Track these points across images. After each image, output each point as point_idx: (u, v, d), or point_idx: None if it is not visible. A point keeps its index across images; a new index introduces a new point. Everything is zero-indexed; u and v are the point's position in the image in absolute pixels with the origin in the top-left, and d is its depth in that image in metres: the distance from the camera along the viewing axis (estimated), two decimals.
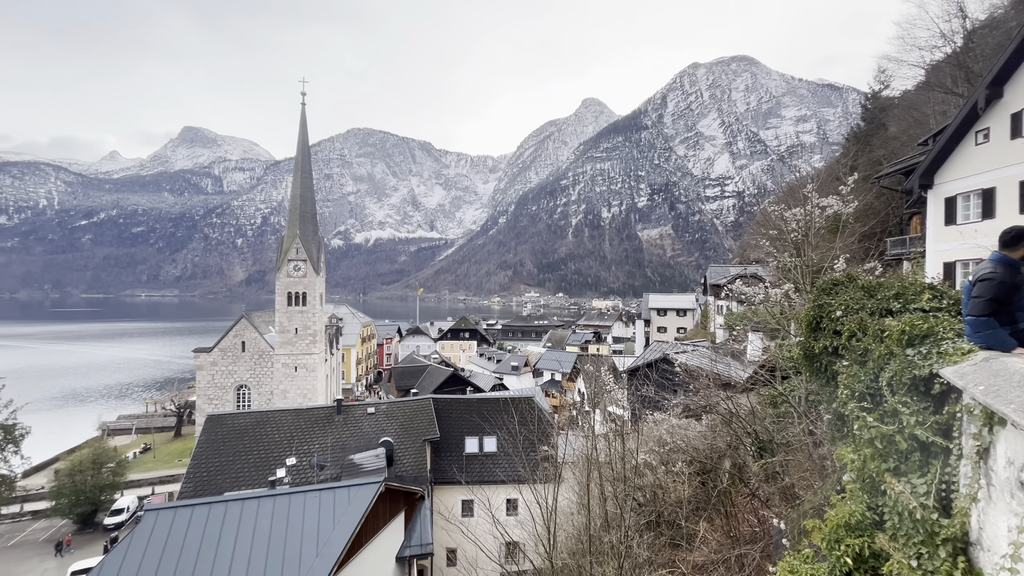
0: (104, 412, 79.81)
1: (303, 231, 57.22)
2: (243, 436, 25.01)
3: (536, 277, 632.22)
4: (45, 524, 42.37)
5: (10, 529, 41.92)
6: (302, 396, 55.52)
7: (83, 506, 40.71)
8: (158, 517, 14.30)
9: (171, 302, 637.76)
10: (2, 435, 41.80)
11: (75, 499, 40.34)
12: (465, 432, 28.33)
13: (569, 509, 15.16)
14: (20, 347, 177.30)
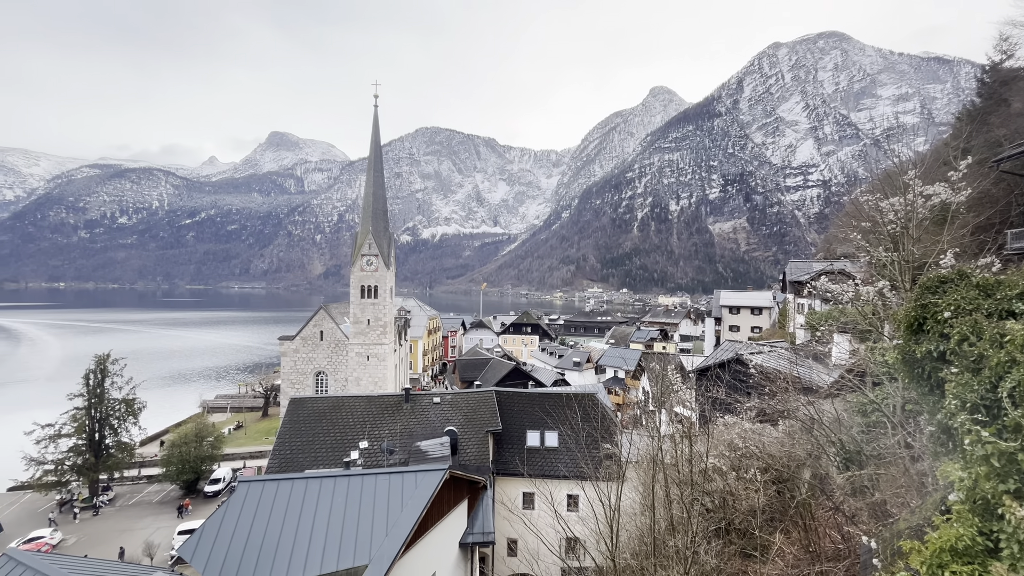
0: (204, 391, 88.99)
1: (375, 228, 60.13)
2: (321, 419, 26.84)
3: (599, 272, 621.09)
4: (157, 488, 48.10)
5: (130, 490, 48.03)
6: (373, 384, 58.59)
7: (188, 474, 45.76)
8: (249, 488, 15.75)
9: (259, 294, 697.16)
10: (124, 408, 48.04)
11: (181, 467, 45.43)
12: (527, 425, 28.51)
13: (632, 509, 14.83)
14: (137, 331, 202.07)
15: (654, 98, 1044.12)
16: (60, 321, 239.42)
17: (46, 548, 34.48)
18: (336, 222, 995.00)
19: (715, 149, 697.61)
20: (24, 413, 54.20)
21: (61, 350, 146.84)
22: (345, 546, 14.37)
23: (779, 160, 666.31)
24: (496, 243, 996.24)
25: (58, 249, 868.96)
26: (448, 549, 18.83)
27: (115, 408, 47.28)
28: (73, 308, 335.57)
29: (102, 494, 45.52)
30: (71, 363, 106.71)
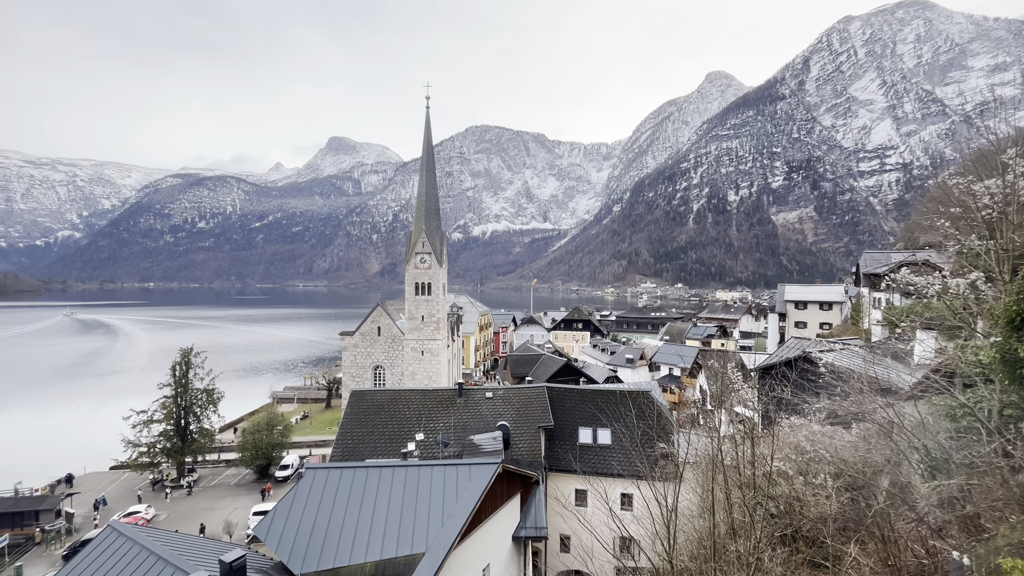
0: (273, 383, 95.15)
1: (428, 226, 61.66)
2: (380, 411, 27.97)
3: (652, 267, 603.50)
4: (234, 471, 52.06)
5: (210, 473, 52.29)
6: (428, 378, 60.27)
7: (260, 459, 49.20)
8: (315, 475, 16.72)
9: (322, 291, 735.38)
10: (205, 397, 52.35)
11: (255, 453, 48.91)
12: (579, 422, 28.32)
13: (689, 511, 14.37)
14: (214, 327, 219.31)
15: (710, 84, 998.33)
16: (150, 318, 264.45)
17: (142, 522, 38.27)
18: (391, 222, 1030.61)
19: (778, 134, 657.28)
20: (122, 401, 60.46)
21: (151, 344, 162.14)
22: (403, 534, 14.92)
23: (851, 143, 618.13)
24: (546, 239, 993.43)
25: (148, 252, 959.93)
26: (502, 542, 19.08)
27: (198, 397, 51.61)
28: (161, 306, 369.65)
29: (188, 475, 49.88)
30: (160, 356, 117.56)
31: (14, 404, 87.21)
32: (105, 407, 75.61)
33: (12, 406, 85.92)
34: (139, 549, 12.39)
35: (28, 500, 41.34)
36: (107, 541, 13.09)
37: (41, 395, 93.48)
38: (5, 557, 36.18)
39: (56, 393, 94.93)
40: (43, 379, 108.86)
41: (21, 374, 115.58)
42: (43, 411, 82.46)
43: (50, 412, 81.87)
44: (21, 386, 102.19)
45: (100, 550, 12.83)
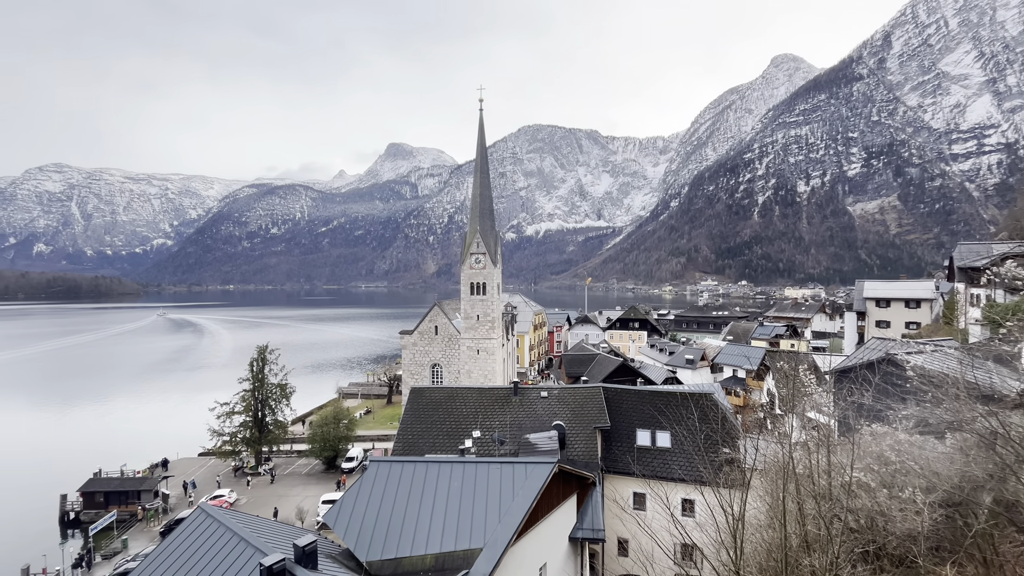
0: (339, 379, 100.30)
1: (482, 227, 62.52)
2: (438, 408, 28.72)
3: (713, 264, 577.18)
4: (305, 462, 55.43)
5: (284, 462, 55.98)
6: (483, 376, 61.15)
7: (328, 451, 52.08)
8: (379, 468, 17.45)
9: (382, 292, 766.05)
10: (279, 392, 56.13)
11: (323, 445, 51.84)
12: (636, 424, 27.63)
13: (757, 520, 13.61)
14: (286, 326, 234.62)
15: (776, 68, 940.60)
16: (231, 317, 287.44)
17: (225, 505, 41.66)
18: (446, 223, 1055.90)
19: (855, 118, 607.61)
20: (208, 393, 66.06)
21: (232, 342, 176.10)
22: (461, 528, 15.23)
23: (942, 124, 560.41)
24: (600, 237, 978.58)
25: (228, 257, 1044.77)
26: (558, 542, 19.01)
27: (272, 391, 55.45)
28: (240, 306, 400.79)
29: (265, 464, 53.69)
30: (239, 353, 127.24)
31: (118, 395, 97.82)
32: (193, 399, 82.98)
33: (117, 396, 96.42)
34: (224, 530, 13.50)
35: (132, 481, 46.23)
36: (196, 521, 14.37)
37: (140, 387, 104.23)
38: (114, 531, 40.67)
39: (152, 386, 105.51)
40: (141, 373, 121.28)
41: (123, 368, 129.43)
42: (142, 401, 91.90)
43: (148, 402, 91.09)
44: (124, 379, 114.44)
45: (191, 529, 14.10)
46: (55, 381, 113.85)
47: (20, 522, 44.69)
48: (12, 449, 66.48)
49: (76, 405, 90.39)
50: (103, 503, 44.06)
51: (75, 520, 43.81)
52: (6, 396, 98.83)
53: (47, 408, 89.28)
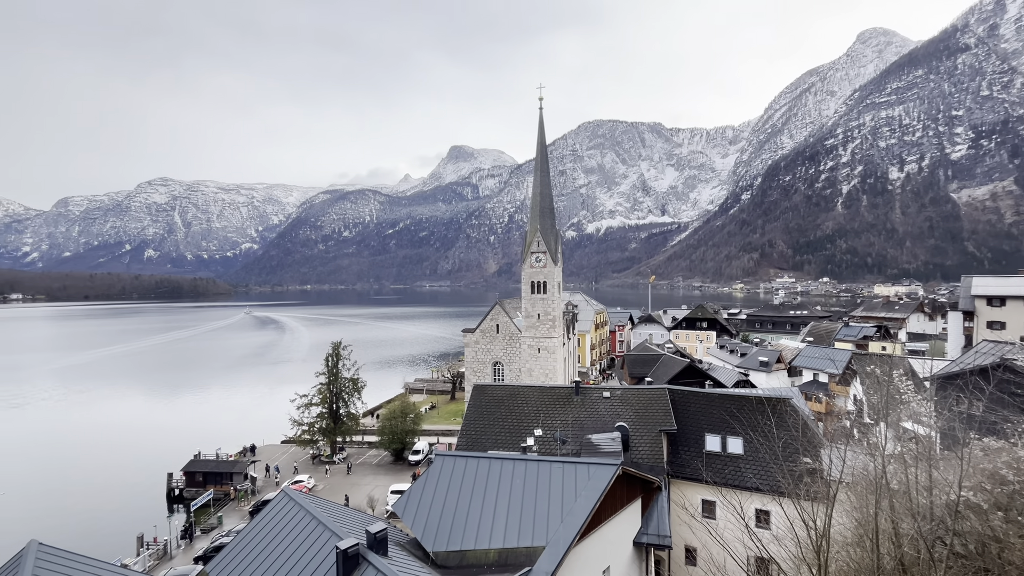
0: (406, 375, 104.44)
1: (542, 225, 62.50)
2: (500, 405, 29.10)
3: (790, 259, 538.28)
4: (375, 453, 58.28)
5: (356, 452, 59.18)
6: (544, 375, 61.15)
7: (396, 444, 54.43)
8: (444, 462, 18.00)
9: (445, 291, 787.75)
10: (352, 386, 59.41)
11: (391, 437, 54.25)
12: (705, 428, 26.46)
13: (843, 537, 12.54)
14: (357, 323, 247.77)
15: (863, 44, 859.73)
16: (308, 315, 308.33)
17: (304, 490, 44.76)
18: (507, 223, 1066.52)
19: (959, 94, 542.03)
20: (289, 386, 71.33)
21: (309, 338, 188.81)
22: (524, 525, 15.34)
23: None
24: (664, 233, 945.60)
25: (305, 259, 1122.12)
26: (622, 546, 18.63)
27: (346, 385, 58.83)
28: (316, 305, 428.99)
29: (339, 453, 57.09)
30: (316, 348, 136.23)
31: (213, 385, 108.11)
32: (276, 390, 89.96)
33: (212, 386, 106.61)
34: (304, 513, 14.52)
35: (225, 463, 50.91)
36: (280, 504, 15.56)
37: (231, 379, 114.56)
38: (211, 507, 45.03)
39: (242, 377, 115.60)
40: (232, 366, 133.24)
41: (217, 361, 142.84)
42: (233, 392, 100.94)
43: (238, 393, 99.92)
44: (217, 371, 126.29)
45: (276, 511, 15.31)
46: (161, 372, 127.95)
47: (134, 495, 50.75)
48: (128, 430, 75.59)
49: (178, 393, 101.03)
50: (202, 482, 48.93)
51: (179, 496, 49.00)
52: (123, 384, 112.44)
53: (156, 395, 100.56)
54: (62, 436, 72.86)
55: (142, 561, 35.75)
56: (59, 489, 52.77)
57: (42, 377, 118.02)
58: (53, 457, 63.40)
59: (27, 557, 11.25)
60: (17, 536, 38.25)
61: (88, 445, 68.49)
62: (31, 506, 48.52)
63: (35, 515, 45.74)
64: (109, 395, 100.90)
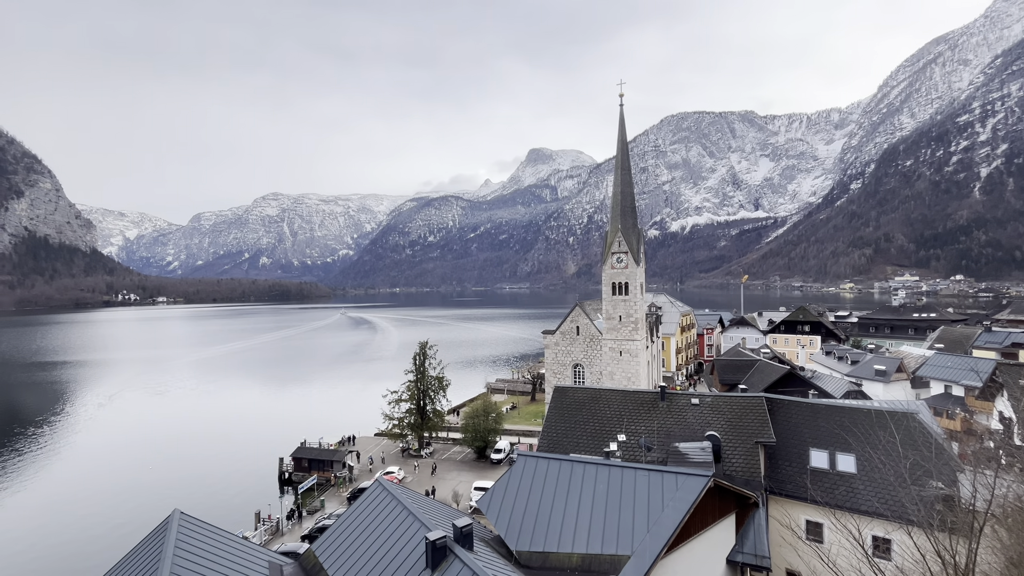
0: (487, 375, 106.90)
1: (623, 225, 60.82)
2: (581, 408, 28.69)
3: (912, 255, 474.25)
4: (459, 449, 60.23)
5: (441, 448, 61.57)
6: (626, 379, 59.36)
7: (479, 442, 55.85)
8: (526, 462, 18.10)
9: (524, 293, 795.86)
10: (437, 384, 61.98)
11: (474, 435, 55.76)
12: (809, 442, 24.14)
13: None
14: (441, 324, 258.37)
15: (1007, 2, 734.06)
16: (397, 316, 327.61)
17: (396, 481, 47.43)
18: (586, 224, 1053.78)
19: None
20: (381, 382, 76.02)
21: (399, 338, 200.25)
22: (608, 532, 14.94)
23: None
24: (758, 229, 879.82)
25: (395, 264, 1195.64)
26: (713, 563, 17.49)
27: (432, 383, 61.53)
28: (404, 307, 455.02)
29: (426, 448, 59.81)
30: (405, 347, 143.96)
31: (315, 379, 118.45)
32: (370, 386, 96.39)
33: (314, 380, 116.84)
34: (396, 503, 15.34)
35: (327, 452, 55.45)
36: (376, 493, 16.58)
37: (331, 374, 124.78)
38: (315, 491, 49.31)
39: (340, 372, 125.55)
40: (331, 362, 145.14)
41: (318, 358, 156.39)
42: (332, 386, 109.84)
43: (336, 387, 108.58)
44: (319, 366, 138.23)
45: (371, 499, 16.34)
46: (272, 367, 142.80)
47: (252, 474, 57.03)
48: (246, 418, 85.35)
49: (287, 386, 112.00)
50: (307, 468, 53.72)
51: (288, 479, 54.21)
52: (242, 377, 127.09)
53: (268, 387, 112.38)
54: (194, 421, 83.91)
55: (259, 535, 40.03)
56: (192, 466, 60.80)
57: (180, 369, 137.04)
58: (187, 439, 73.19)
59: (172, 523, 13.07)
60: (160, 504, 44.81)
61: (215, 428, 78.27)
62: (172, 480, 56.38)
63: (174, 488, 53.06)
64: (231, 386, 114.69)
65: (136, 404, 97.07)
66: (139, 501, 50.34)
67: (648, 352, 65.62)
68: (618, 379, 59.60)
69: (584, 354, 64.10)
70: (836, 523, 15.59)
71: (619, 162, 62.74)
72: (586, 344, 64.01)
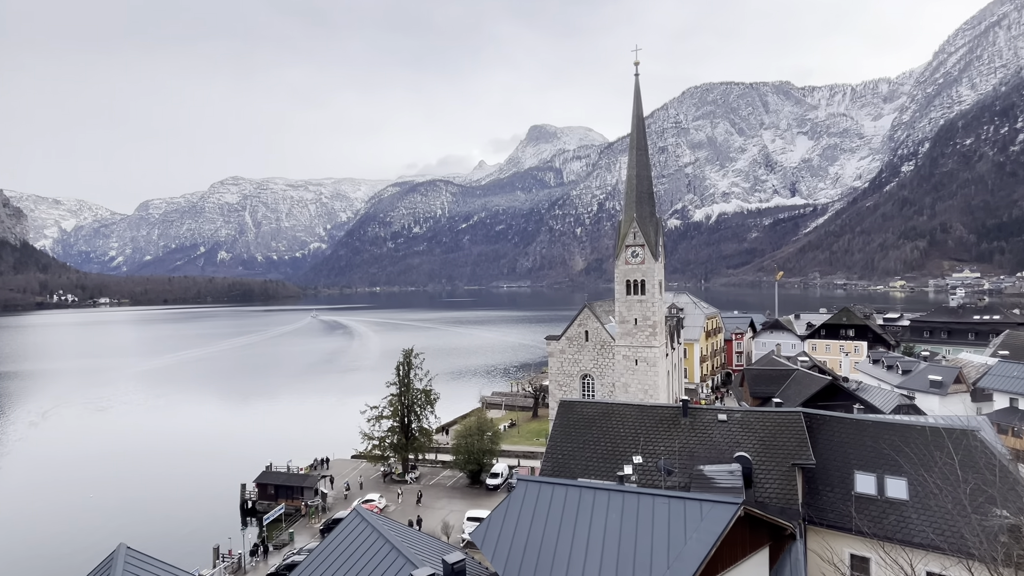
0: (482, 387, 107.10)
1: (639, 213, 61.00)
2: (591, 425, 28.81)
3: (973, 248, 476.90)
4: (449, 474, 60.33)
5: (429, 472, 61.66)
6: (643, 391, 59.60)
7: (472, 464, 55.98)
8: (527, 488, 18.15)
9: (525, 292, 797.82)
10: (424, 398, 62.07)
11: (467, 457, 55.87)
12: (854, 464, 24.43)
13: None
14: (428, 328, 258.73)
15: None
16: (377, 319, 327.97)
17: (376, 510, 47.49)
18: (596, 212, 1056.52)
19: None
20: (359, 396, 76.14)
21: (379, 344, 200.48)
22: (623, 568, 14.98)
23: None
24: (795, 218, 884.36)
25: (374, 259, 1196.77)
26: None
27: (418, 397, 61.67)
28: (385, 309, 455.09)
29: (411, 471, 59.88)
30: (386, 356, 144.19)
31: (283, 393, 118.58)
32: (346, 401, 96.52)
33: (281, 395, 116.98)
34: (376, 536, 15.39)
35: (296, 476, 55.54)
36: (352, 523, 16.62)
37: (301, 387, 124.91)
38: (283, 522, 49.38)
39: (311, 386, 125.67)
40: (301, 373, 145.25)
41: (286, 368, 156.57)
42: (302, 401, 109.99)
43: (307, 402, 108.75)
44: (286, 378, 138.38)
45: (348, 531, 16.38)
46: (233, 378, 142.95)
47: (210, 502, 57.11)
48: (203, 436, 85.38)
49: (249, 401, 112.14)
50: (273, 495, 53.81)
51: (252, 509, 54.27)
52: (197, 390, 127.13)
53: (228, 401, 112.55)
54: (143, 440, 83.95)
55: (218, 573, 40.04)
56: (140, 493, 60.86)
57: (125, 381, 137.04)
58: (135, 460, 73.26)
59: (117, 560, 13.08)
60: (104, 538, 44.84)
61: (166, 449, 78.28)
62: (116, 508, 56.43)
63: (120, 519, 53.13)
64: (185, 400, 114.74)
65: (74, 421, 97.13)
66: (78, 534, 50.40)
67: (668, 361, 65.82)
68: (633, 391, 59.83)
69: (594, 363, 64.27)
70: (885, 557, 15.71)
71: (634, 141, 62.89)
72: (596, 352, 64.18)
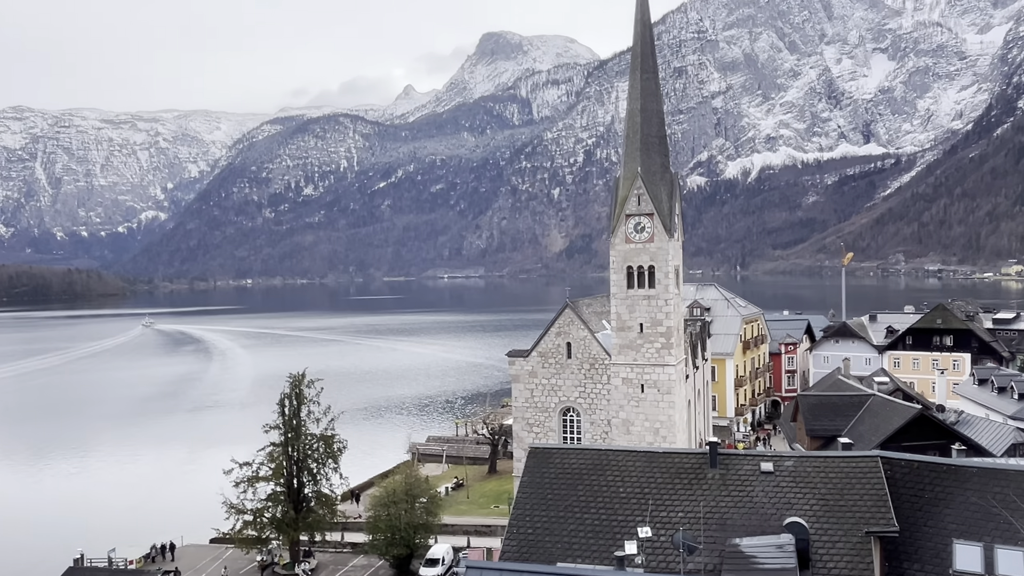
0: (412, 431, 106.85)
1: (646, 167, 61.45)
2: (576, 483, 29.04)
3: None
4: (363, 562, 60.11)
5: (333, 560, 61.21)
6: (652, 431, 60.38)
7: (398, 547, 55.82)
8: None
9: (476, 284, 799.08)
10: (323, 447, 61.40)
11: (390, 537, 55.68)
12: (953, 530, 25.43)
13: None
14: (329, 342, 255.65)
15: None
16: (249, 329, 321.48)
17: None
18: (581, 164, 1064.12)
19: None
20: (221, 447, 74.90)
21: (253, 368, 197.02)
22: None
23: None
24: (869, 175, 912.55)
25: (243, 235, 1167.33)
26: None
27: (313, 447, 60.90)
28: (261, 312, 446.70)
29: (304, 561, 59.23)
30: (263, 384, 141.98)
31: (100, 446, 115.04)
32: (201, 456, 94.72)
33: (99, 448, 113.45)
34: None
35: (123, 573, 54.08)
36: None
37: (129, 435, 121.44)
38: None
39: (145, 433, 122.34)
40: (129, 414, 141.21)
41: (105, 406, 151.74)
42: (132, 457, 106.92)
43: (140, 459, 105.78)
44: (106, 422, 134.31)
45: None
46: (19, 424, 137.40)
47: None
48: None
49: (47, 457, 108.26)
50: None
51: None
52: None
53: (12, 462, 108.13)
54: None
55: None
56: None
57: None
58: None
59: None
60: None
61: None
62: None
63: None
64: None
65: None
66: None
67: (689, 386, 66.93)
68: (638, 431, 60.64)
69: (580, 391, 64.81)
70: None
71: (638, 59, 63.31)
72: (583, 372, 64.72)
